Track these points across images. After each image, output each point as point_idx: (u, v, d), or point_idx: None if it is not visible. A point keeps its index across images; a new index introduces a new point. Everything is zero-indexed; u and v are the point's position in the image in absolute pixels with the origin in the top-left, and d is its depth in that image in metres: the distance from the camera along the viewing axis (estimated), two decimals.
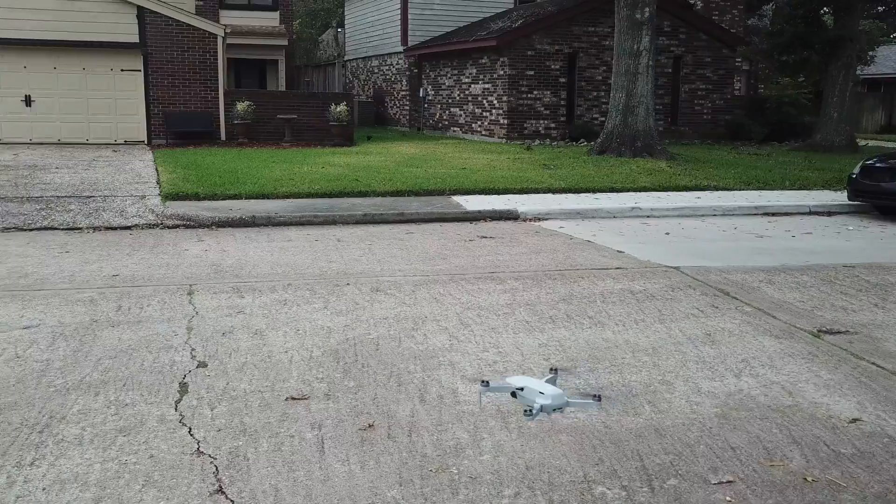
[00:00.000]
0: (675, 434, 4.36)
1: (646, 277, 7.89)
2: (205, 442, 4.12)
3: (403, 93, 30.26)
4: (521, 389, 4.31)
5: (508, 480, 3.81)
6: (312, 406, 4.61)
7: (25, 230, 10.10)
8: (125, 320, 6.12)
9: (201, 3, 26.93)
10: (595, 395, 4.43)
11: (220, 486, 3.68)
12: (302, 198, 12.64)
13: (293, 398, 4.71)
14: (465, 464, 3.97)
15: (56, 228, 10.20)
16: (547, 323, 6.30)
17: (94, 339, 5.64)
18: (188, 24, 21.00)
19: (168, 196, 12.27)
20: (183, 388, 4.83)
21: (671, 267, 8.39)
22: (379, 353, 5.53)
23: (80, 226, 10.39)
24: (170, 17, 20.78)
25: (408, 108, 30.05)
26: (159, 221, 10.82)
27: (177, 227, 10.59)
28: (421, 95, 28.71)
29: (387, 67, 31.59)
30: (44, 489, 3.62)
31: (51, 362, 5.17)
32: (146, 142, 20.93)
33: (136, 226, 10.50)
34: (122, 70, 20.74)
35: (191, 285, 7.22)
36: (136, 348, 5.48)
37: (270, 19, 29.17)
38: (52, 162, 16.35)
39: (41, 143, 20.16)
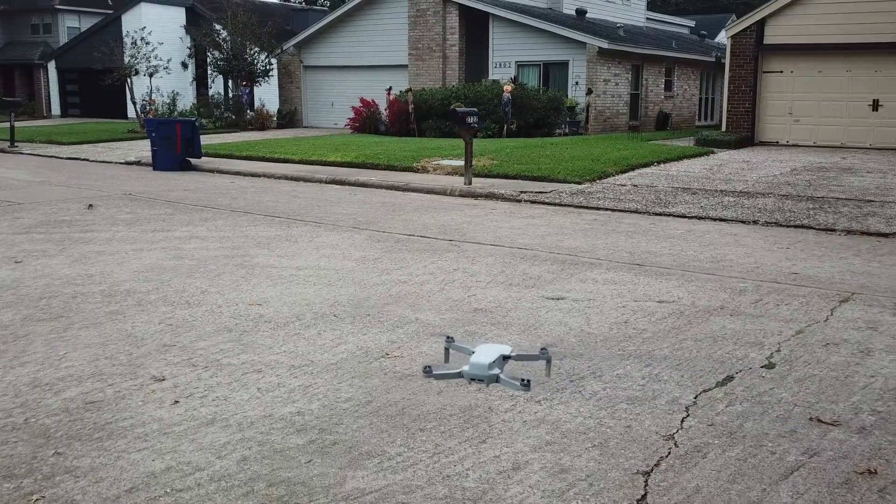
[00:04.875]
0: None
1: None
2: (683, 430, 4.06)
3: None
4: (473, 353, 4.10)
5: None
6: (832, 433, 4.01)
7: (783, 226, 10.44)
8: (748, 312, 6.10)
9: None
10: (523, 381, 4.00)
11: (649, 470, 3.65)
12: None
13: (819, 420, 4.16)
14: None
15: (809, 227, 10.27)
16: None
17: (699, 322, 5.84)
18: None
19: None
20: (726, 381, 4.72)
21: None
22: None
23: (836, 228, 10.22)
24: None
25: None
26: None
27: None
28: None
29: None
30: (523, 422, 4.17)
31: (630, 333, 5.61)
32: None
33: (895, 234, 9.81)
34: None
35: (852, 294, 6.64)
36: (726, 337, 5.48)
37: None
38: (868, 167, 16.09)
39: (880, 149, 19.86)
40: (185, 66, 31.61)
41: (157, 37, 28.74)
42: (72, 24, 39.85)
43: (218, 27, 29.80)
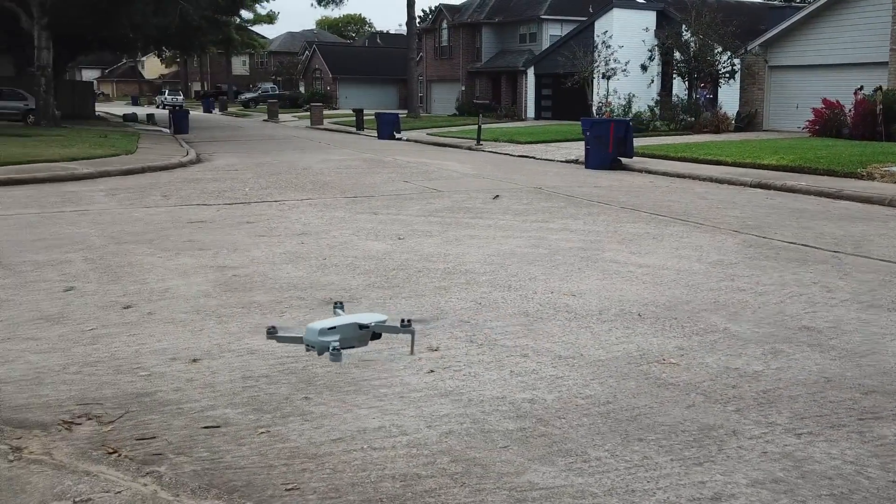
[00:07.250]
0: None
1: None
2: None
3: None
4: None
5: None
6: None
7: None
8: None
9: None
10: (334, 350, 3.43)
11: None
12: None
13: None
14: None
15: None
16: None
17: None
18: None
19: None
20: None
21: None
22: None
23: None
24: None
25: None
26: None
27: None
28: None
29: None
30: (763, 452, 3.57)
31: None
32: None
33: None
34: None
35: None
36: None
37: None
38: None
39: None
40: (644, 68, 31.95)
41: (622, 40, 29.56)
42: (554, 32, 42.83)
43: (683, 28, 29.65)
